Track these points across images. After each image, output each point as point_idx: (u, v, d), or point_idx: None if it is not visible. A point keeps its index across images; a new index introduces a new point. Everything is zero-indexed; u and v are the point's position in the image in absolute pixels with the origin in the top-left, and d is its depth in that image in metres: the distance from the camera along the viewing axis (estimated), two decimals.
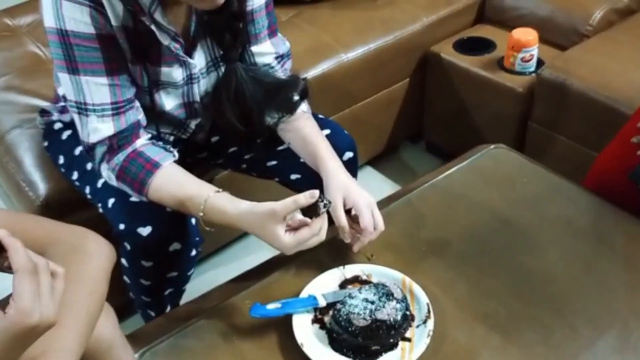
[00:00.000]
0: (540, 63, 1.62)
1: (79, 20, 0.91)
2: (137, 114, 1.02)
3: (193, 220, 1.12)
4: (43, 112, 1.28)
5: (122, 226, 1.04)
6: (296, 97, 1.11)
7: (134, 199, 1.04)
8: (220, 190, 0.97)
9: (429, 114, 1.91)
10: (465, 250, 1.05)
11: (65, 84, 0.97)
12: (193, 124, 1.19)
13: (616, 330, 0.90)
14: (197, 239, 1.15)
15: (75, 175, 1.19)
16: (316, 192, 0.90)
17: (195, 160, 1.30)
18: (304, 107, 1.14)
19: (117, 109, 0.98)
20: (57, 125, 1.24)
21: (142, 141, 1.02)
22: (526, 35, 1.58)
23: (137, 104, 1.03)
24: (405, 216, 1.13)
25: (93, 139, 0.99)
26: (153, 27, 0.97)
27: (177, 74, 1.05)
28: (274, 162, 1.23)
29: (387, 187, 1.90)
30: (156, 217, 1.03)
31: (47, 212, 1.28)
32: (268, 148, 1.20)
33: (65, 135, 1.22)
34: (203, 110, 1.15)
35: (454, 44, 1.77)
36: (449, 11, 1.82)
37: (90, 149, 1.01)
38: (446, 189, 1.19)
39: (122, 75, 0.98)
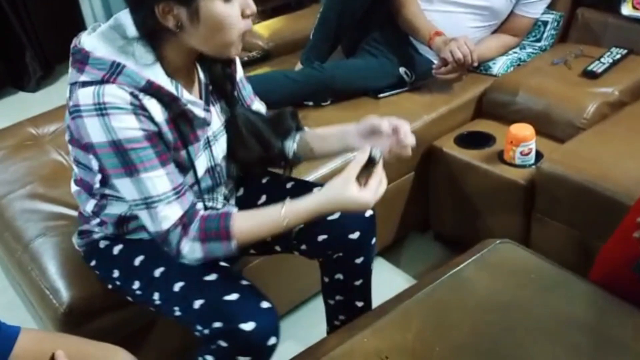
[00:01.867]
0: (539, 155, 1.69)
1: (129, 128, 1.00)
2: (191, 194, 1.12)
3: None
4: (81, 233, 1.31)
5: (218, 324, 1.08)
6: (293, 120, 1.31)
7: (228, 297, 1.08)
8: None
9: (435, 205, 1.97)
10: (477, 351, 1.07)
11: (125, 188, 1.05)
12: (221, 196, 1.27)
13: None
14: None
15: (137, 285, 1.21)
16: (367, 147, 1.07)
17: None
18: (305, 128, 1.33)
19: (178, 193, 1.07)
20: (103, 243, 1.27)
21: (203, 212, 1.11)
22: (523, 130, 1.66)
23: (190, 189, 1.13)
24: (418, 317, 1.16)
25: (165, 225, 1.06)
26: (189, 105, 1.09)
27: (203, 139, 1.17)
28: (300, 226, 1.26)
29: (398, 278, 1.94)
30: (257, 312, 1.09)
31: (70, 319, 1.32)
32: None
33: (116, 250, 1.25)
34: (226, 173, 1.26)
35: (455, 138, 1.86)
36: (448, 108, 1.91)
37: (164, 236, 1.07)
38: (456, 287, 1.23)
39: (172, 163, 1.08)
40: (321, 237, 1.30)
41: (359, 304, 1.44)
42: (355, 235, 1.31)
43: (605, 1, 2.02)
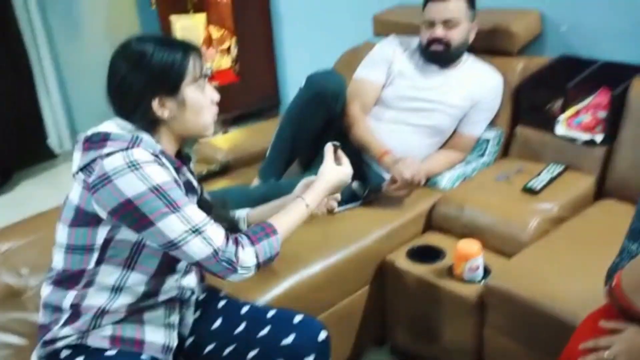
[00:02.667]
0: (487, 271, 1.75)
1: (160, 174, 1.17)
2: None
3: None
4: (45, 343, 1.27)
5: None
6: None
7: None
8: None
9: (391, 319, 1.99)
10: None
11: (173, 226, 1.16)
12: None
13: None
14: None
15: None
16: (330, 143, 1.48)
17: None
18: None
19: (211, 220, 1.23)
20: (64, 353, 1.25)
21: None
22: (470, 246, 1.72)
23: None
24: None
25: (218, 242, 1.19)
26: (188, 174, 1.32)
27: None
28: (255, 352, 1.33)
29: None
30: None
31: None
32: (248, 335, 1.37)
33: None
34: None
35: (407, 252, 1.91)
36: (399, 223, 1.98)
37: (221, 252, 1.19)
38: None
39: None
40: None
41: None
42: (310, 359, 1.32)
43: (541, 121, 2.16)
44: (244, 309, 1.42)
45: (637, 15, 2.14)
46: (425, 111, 2.14)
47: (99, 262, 1.23)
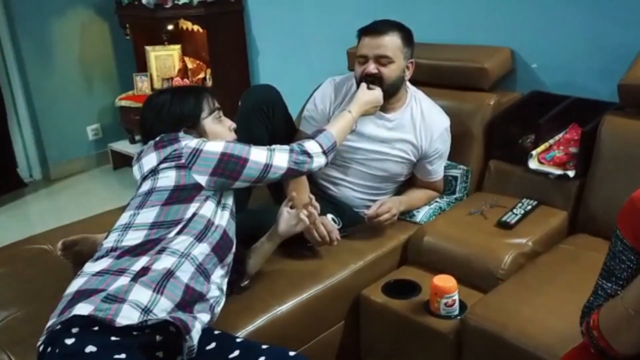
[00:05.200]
0: (463, 306, 1.74)
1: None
2: None
3: None
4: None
5: None
6: None
7: None
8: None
9: (367, 353, 1.96)
10: None
11: (259, 153, 1.56)
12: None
13: None
14: None
15: None
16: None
17: None
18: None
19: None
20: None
21: None
22: (446, 282, 1.71)
23: None
24: None
25: (288, 147, 1.62)
26: None
27: None
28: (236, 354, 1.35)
29: None
30: None
31: None
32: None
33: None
34: None
35: (382, 287, 1.89)
36: (375, 256, 1.97)
37: (296, 149, 1.62)
38: None
39: None
40: None
41: None
42: None
43: (514, 156, 2.19)
44: (239, 339, 1.46)
45: (606, 54, 2.20)
46: (372, 161, 2.09)
47: (179, 233, 1.43)
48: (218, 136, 1.62)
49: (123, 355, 1.20)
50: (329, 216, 2.01)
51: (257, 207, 2.11)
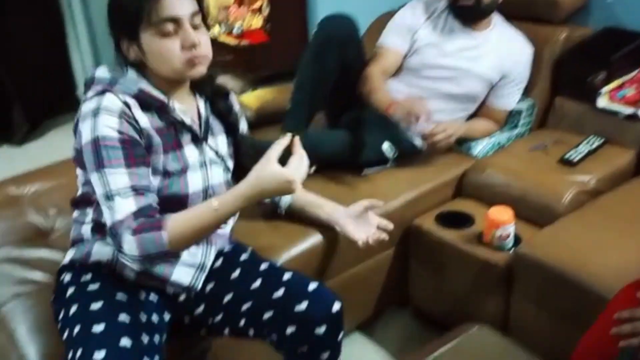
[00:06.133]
0: (517, 239, 1.71)
1: (108, 126, 1.16)
2: (155, 197, 1.21)
3: None
4: (74, 242, 1.36)
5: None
6: None
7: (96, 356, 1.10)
8: None
9: (415, 282, 1.97)
10: None
11: (95, 184, 1.18)
12: None
13: None
14: None
15: (65, 335, 1.22)
16: (289, 134, 1.21)
17: (193, 319, 1.37)
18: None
19: (137, 191, 1.17)
20: (67, 278, 1.30)
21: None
22: (502, 214, 1.68)
23: (155, 196, 1.21)
24: None
25: (118, 217, 1.15)
26: (177, 113, 1.25)
27: (196, 155, 1.30)
28: (269, 314, 1.30)
29: (374, 355, 1.92)
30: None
31: None
32: (264, 293, 1.32)
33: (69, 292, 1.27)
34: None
35: (435, 217, 1.88)
36: (429, 187, 1.95)
37: (116, 228, 1.15)
38: None
39: (140, 169, 1.19)
40: (289, 330, 1.28)
41: None
42: (322, 330, 1.28)
43: (581, 93, 2.09)
44: (263, 266, 1.40)
45: None
46: (454, 79, 2.08)
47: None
48: (158, 55, 1.20)
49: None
50: (385, 145, 1.99)
51: (312, 131, 2.09)
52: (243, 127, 1.47)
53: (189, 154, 1.29)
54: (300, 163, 1.18)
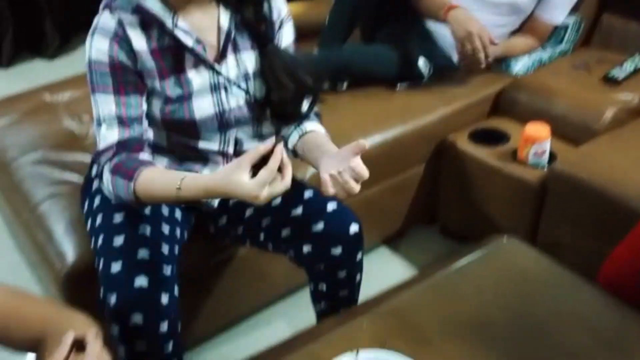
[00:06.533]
0: (552, 157, 1.67)
1: (99, 50, 1.11)
2: (141, 130, 1.16)
3: (165, 299, 1.15)
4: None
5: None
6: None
7: (114, 268, 1.13)
8: None
9: (444, 199, 1.96)
10: (475, 342, 1.06)
11: (92, 106, 1.15)
12: (232, 138, 1.25)
13: None
14: (173, 321, 1.19)
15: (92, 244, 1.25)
16: (272, 139, 1.13)
17: (217, 229, 1.38)
18: (322, 129, 1.30)
19: (122, 122, 1.13)
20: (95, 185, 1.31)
21: (143, 156, 1.15)
22: (539, 130, 1.64)
23: (145, 124, 1.17)
24: (418, 306, 1.15)
25: (102, 146, 1.13)
26: (177, 32, 1.13)
27: (204, 79, 1.18)
28: (287, 231, 1.29)
29: (400, 268, 1.94)
30: (123, 286, 1.13)
31: (71, 283, 1.33)
32: (284, 211, 1.29)
33: (96, 202, 1.28)
34: (236, 122, 1.23)
35: (469, 134, 1.84)
36: (464, 103, 1.90)
37: (98, 156, 1.15)
38: (458, 280, 1.21)
39: (129, 96, 1.14)
40: (306, 249, 1.28)
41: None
42: (338, 251, 1.27)
43: (631, 8, 1.99)
44: (307, 193, 1.33)
45: None
46: None
47: None
48: None
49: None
50: (421, 60, 1.94)
51: (347, 46, 2.04)
52: (287, 36, 1.27)
53: (194, 78, 1.17)
54: (269, 179, 0.98)
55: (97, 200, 1.27)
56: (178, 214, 1.33)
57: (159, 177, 1.10)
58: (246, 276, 1.62)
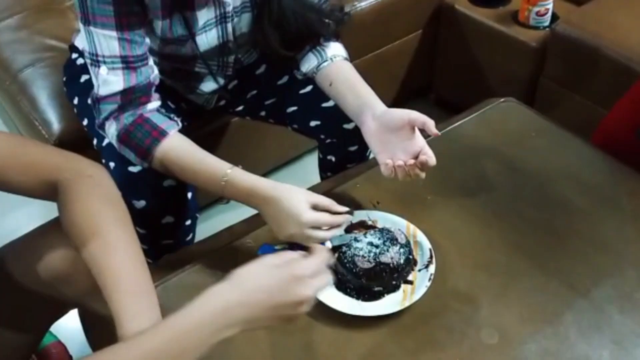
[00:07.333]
0: (554, 17, 1.61)
1: None
2: (149, 72, 1.00)
3: (189, 195, 1.13)
4: (72, 47, 1.27)
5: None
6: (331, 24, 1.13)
7: (132, 169, 1.04)
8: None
9: (440, 67, 1.91)
10: (469, 200, 1.07)
11: (82, 35, 0.97)
12: (231, 59, 1.18)
13: (613, 280, 0.93)
14: (194, 213, 1.18)
15: (85, 122, 1.19)
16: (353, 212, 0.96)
17: (215, 107, 1.32)
18: (343, 52, 1.15)
19: (127, 63, 0.97)
20: (80, 61, 1.22)
21: (152, 106, 1.01)
22: None
23: (150, 62, 1.01)
24: None
25: (103, 92, 0.98)
26: None
27: (210, 13, 1.06)
28: (294, 108, 1.24)
29: None
30: (152, 190, 1.06)
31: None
32: (290, 90, 1.22)
33: (83, 78, 1.20)
34: (238, 47, 1.16)
35: None
36: None
37: (97, 101, 0.99)
38: (454, 139, 1.20)
39: (133, 31, 0.97)
40: (314, 123, 1.23)
41: None
42: (350, 126, 1.20)
43: None
44: (283, 79, 1.26)
45: None
46: None
47: None
48: None
49: None
50: None
51: None
52: None
53: (201, 16, 1.05)
54: (323, 229, 0.91)
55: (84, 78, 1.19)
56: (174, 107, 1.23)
57: (184, 163, 0.98)
58: (241, 145, 1.60)
